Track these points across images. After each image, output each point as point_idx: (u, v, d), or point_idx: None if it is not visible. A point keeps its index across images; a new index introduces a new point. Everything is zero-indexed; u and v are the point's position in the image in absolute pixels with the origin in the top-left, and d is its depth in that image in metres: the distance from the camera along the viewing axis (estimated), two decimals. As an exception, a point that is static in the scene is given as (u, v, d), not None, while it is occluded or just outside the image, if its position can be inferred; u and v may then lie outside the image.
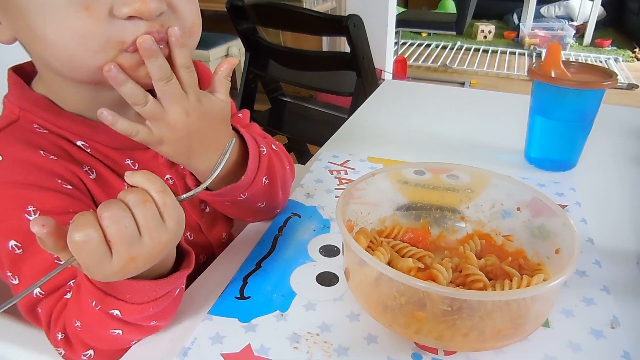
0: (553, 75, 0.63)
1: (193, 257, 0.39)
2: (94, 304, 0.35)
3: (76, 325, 0.38)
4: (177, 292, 0.39)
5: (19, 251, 0.39)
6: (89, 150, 0.44)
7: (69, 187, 0.41)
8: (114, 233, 0.30)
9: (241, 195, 0.47)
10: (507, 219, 0.50)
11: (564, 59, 0.64)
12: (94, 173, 0.44)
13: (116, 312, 0.35)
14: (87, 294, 0.35)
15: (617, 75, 0.62)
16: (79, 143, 0.44)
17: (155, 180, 0.32)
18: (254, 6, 1.54)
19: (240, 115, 0.57)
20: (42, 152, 0.41)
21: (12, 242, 0.39)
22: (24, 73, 0.44)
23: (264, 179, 0.48)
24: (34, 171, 0.40)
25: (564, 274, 0.36)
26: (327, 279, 0.47)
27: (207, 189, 0.41)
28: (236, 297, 0.45)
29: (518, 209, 0.49)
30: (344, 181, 0.65)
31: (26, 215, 0.38)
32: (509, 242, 0.50)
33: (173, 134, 0.40)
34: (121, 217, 0.30)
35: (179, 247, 0.38)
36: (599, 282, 0.47)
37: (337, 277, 0.48)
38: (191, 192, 0.36)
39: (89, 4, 0.33)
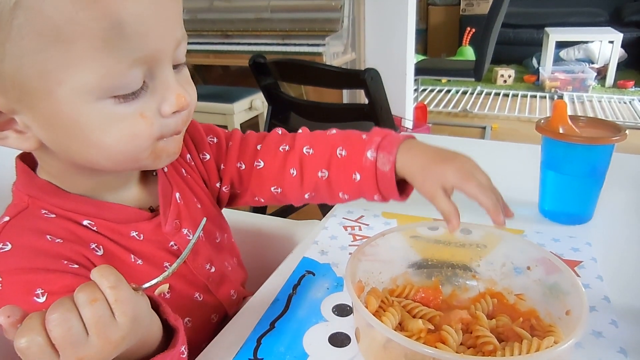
0: (561, 131, 0.64)
1: (181, 334, 0.38)
2: None
3: None
4: None
5: None
6: (95, 228, 0.46)
7: (75, 266, 0.42)
8: (57, 335, 0.29)
9: None
10: (519, 276, 0.51)
11: (588, 100, 0.65)
12: (101, 249, 0.46)
13: None
14: None
15: (625, 129, 0.62)
16: (85, 222, 0.46)
17: (109, 275, 0.32)
18: (275, 63, 1.62)
19: (231, 142, 0.59)
20: (49, 237, 0.43)
21: None
22: (28, 159, 0.47)
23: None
24: (40, 256, 0.41)
25: (572, 338, 0.37)
26: (339, 340, 0.48)
27: None
28: (250, 359, 0.46)
29: (528, 267, 0.49)
30: (357, 237, 0.66)
31: (35, 298, 0.39)
32: (521, 302, 0.50)
33: None
34: (67, 318, 0.30)
35: (167, 324, 0.38)
36: (615, 344, 0.46)
37: (349, 337, 0.48)
38: (154, 281, 0.35)
39: (142, 111, 0.39)
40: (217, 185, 0.60)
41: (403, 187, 0.54)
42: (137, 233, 0.49)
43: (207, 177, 0.59)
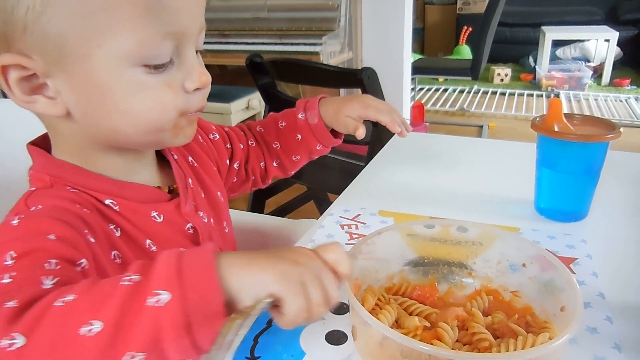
0: (556, 129, 0.64)
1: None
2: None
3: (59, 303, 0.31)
4: None
5: (9, 262, 0.35)
6: (117, 208, 0.46)
7: (92, 240, 0.42)
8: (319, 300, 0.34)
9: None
10: (515, 273, 0.51)
11: (584, 98, 0.65)
12: (119, 231, 0.47)
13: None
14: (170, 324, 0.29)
15: (620, 127, 0.63)
16: (107, 201, 0.46)
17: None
18: (272, 62, 1.62)
19: (227, 129, 0.68)
20: (77, 205, 0.43)
21: (8, 254, 0.36)
22: (40, 145, 0.47)
23: None
24: (67, 214, 0.41)
25: (566, 334, 0.37)
26: (336, 338, 0.48)
27: None
28: (247, 358, 0.46)
29: (524, 265, 0.50)
30: (354, 236, 0.66)
31: (48, 235, 0.37)
32: (516, 298, 0.50)
33: None
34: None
35: None
36: (610, 340, 0.46)
37: (346, 335, 0.48)
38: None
39: (169, 81, 0.42)
40: (227, 162, 0.65)
41: (334, 134, 0.70)
42: (157, 213, 0.49)
43: (216, 156, 0.63)
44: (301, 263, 0.35)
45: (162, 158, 0.55)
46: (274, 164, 0.70)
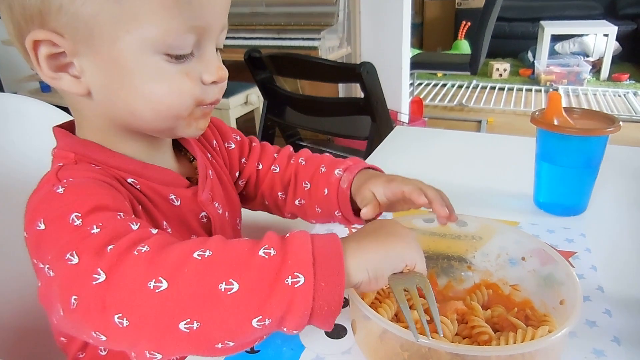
0: (556, 123, 0.64)
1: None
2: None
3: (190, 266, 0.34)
4: None
5: (78, 222, 0.37)
6: (138, 187, 0.48)
7: (128, 203, 0.44)
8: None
9: None
10: (514, 267, 0.51)
11: (583, 93, 0.65)
12: (140, 207, 0.47)
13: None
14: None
15: (619, 121, 0.63)
16: (129, 180, 0.47)
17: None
18: (270, 57, 1.61)
19: (254, 144, 0.65)
20: (104, 179, 0.44)
21: (73, 215, 0.37)
22: (65, 127, 0.49)
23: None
24: (103, 182, 0.43)
25: (565, 327, 0.37)
26: (335, 332, 0.48)
27: None
28: (246, 351, 0.46)
29: (523, 258, 0.50)
30: (354, 230, 0.66)
31: (101, 196, 0.40)
32: (516, 292, 0.50)
33: None
34: None
35: None
36: (609, 333, 0.46)
37: (346, 329, 0.48)
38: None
39: (188, 71, 0.44)
40: (237, 175, 0.63)
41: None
42: (175, 196, 0.51)
43: (229, 165, 0.62)
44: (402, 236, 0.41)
45: (179, 153, 0.56)
46: (296, 203, 0.61)
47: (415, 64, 2.75)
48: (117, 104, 0.44)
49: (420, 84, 3.85)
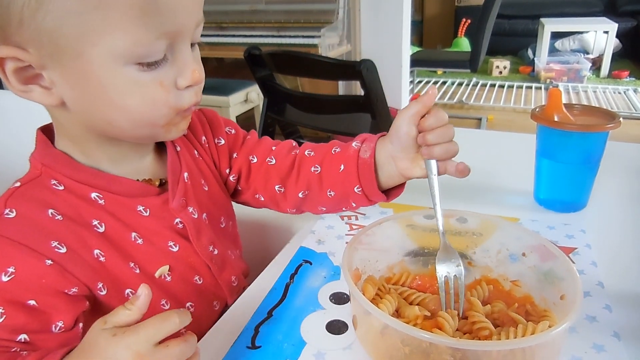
0: (556, 119, 0.64)
1: None
2: None
3: None
4: None
5: None
6: (102, 202, 0.47)
7: (63, 250, 0.43)
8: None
9: None
10: (514, 262, 0.51)
11: (583, 91, 0.65)
12: (103, 226, 0.47)
13: None
14: None
15: (620, 117, 0.63)
16: (93, 195, 0.47)
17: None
18: (270, 55, 1.61)
19: (249, 137, 0.63)
20: (51, 211, 0.44)
21: None
22: (48, 131, 0.49)
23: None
24: (35, 233, 0.43)
25: (566, 322, 0.37)
26: (336, 327, 0.48)
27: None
28: (248, 347, 0.46)
29: (523, 254, 0.50)
30: (354, 227, 0.67)
31: (2, 275, 0.40)
32: (516, 288, 0.50)
33: None
34: None
35: None
36: (609, 328, 0.47)
37: (347, 325, 0.49)
38: None
39: (162, 79, 0.43)
40: (227, 171, 0.62)
41: (387, 193, 0.57)
42: (143, 207, 0.50)
43: (217, 161, 0.61)
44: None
45: (164, 149, 0.55)
46: (300, 195, 0.59)
47: (416, 61, 2.75)
48: (94, 114, 0.44)
49: (420, 82, 3.85)
